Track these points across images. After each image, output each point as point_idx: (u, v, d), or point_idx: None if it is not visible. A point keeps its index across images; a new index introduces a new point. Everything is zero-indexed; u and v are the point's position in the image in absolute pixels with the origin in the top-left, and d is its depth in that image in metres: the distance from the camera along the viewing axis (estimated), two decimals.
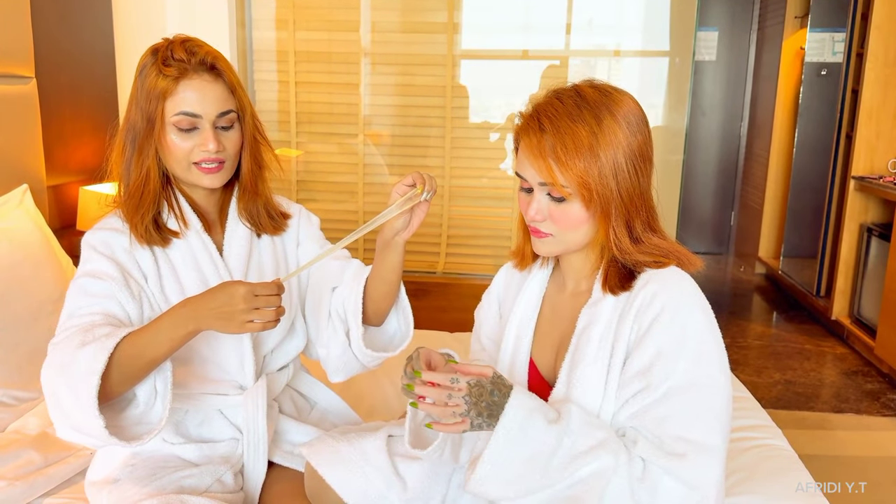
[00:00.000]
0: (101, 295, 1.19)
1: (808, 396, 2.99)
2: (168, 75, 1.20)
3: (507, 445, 0.95)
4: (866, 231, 3.45)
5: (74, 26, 2.61)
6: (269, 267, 1.38)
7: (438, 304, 3.45)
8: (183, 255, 1.29)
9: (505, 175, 3.64)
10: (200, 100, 1.22)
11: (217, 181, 1.28)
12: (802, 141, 4.32)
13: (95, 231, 1.28)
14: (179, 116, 1.21)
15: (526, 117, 1.06)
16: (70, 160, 2.57)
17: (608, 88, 1.06)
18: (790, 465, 1.53)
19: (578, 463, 0.96)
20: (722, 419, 1.01)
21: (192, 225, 1.31)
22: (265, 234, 1.39)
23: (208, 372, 1.31)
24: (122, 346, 1.07)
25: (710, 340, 1.03)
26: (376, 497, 1.19)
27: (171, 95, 1.21)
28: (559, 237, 1.08)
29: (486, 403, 0.96)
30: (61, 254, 1.97)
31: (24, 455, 1.44)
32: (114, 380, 1.07)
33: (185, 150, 1.23)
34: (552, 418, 0.98)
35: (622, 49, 3.55)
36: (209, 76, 1.23)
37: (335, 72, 3.58)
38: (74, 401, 1.06)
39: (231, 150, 1.27)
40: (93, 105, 2.73)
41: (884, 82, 3.39)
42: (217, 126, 1.24)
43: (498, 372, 0.99)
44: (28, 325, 1.68)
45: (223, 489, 1.24)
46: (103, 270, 1.21)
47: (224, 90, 1.24)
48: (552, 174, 1.02)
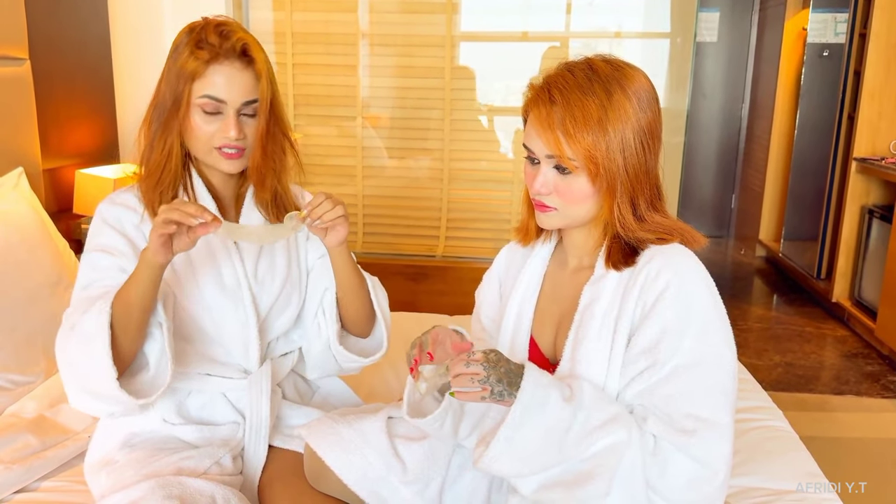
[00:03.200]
0: (110, 268, 1.23)
1: (808, 378, 2.99)
2: (199, 58, 1.21)
3: (523, 422, 0.95)
4: (867, 213, 3.44)
5: (69, 6, 2.58)
6: (280, 256, 1.38)
7: (438, 287, 3.44)
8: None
9: (504, 158, 3.61)
10: (227, 86, 1.22)
11: (235, 167, 1.28)
12: (804, 122, 4.29)
13: (110, 205, 1.29)
14: (205, 99, 1.22)
15: (536, 89, 1.05)
16: (66, 143, 2.55)
17: (620, 63, 1.05)
18: (791, 447, 1.54)
19: (593, 437, 0.96)
20: (729, 395, 1.01)
21: (207, 206, 1.30)
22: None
23: (214, 354, 1.32)
24: (116, 300, 1.13)
25: (716, 316, 1.02)
26: (376, 479, 1.19)
27: (200, 78, 1.21)
28: (563, 211, 1.07)
29: (505, 370, 0.96)
30: (58, 237, 1.95)
31: (21, 439, 1.43)
32: (119, 336, 1.12)
33: (207, 133, 1.23)
34: (566, 395, 0.98)
35: (623, 30, 3.51)
36: (239, 63, 1.23)
37: (333, 53, 3.54)
38: (88, 360, 1.11)
39: (251, 138, 1.27)
40: (88, 87, 2.70)
41: (886, 63, 3.36)
42: (241, 114, 1.24)
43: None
44: (25, 309, 1.67)
45: (222, 472, 1.24)
46: (112, 245, 1.24)
47: (252, 77, 1.24)
48: (560, 146, 1.01)
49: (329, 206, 1.21)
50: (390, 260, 3.61)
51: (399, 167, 3.67)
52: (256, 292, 1.33)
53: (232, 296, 1.31)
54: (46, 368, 1.68)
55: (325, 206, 1.21)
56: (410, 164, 3.66)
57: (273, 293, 1.35)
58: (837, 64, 3.81)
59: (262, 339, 1.35)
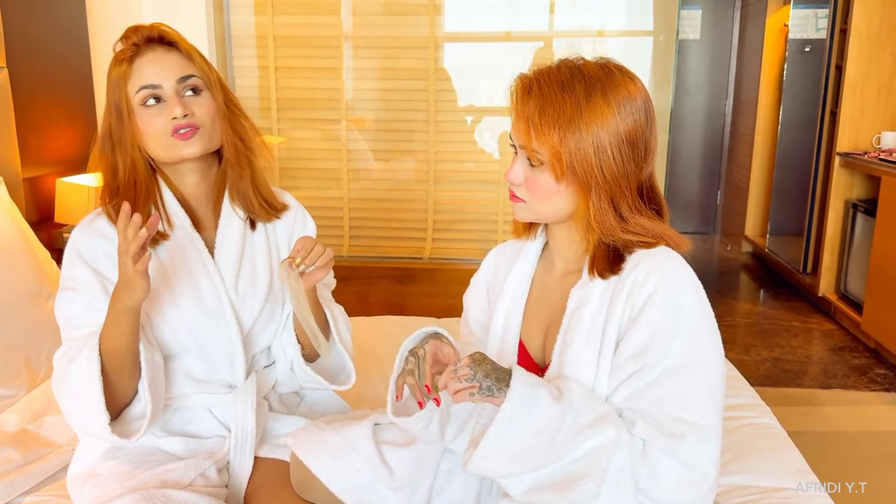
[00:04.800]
0: (86, 307, 1.21)
1: (795, 373, 3.01)
2: (122, 59, 1.21)
3: (513, 420, 0.95)
4: (852, 207, 3.46)
5: (46, 13, 2.55)
6: (262, 266, 1.36)
7: (425, 289, 3.43)
8: (171, 256, 1.27)
9: (490, 158, 3.61)
10: (156, 71, 1.21)
11: (195, 147, 1.23)
12: (787, 118, 4.31)
13: (83, 233, 1.26)
14: (141, 93, 1.21)
15: (522, 78, 1.05)
16: (46, 151, 2.52)
17: (613, 68, 1.03)
18: (779, 444, 1.54)
19: (582, 437, 0.96)
20: (717, 398, 1.01)
21: (181, 222, 1.28)
22: (259, 225, 1.37)
23: (199, 372, 1.30)
24: (104, 350, 1.14)
25: (704, 320, 1.02)
26: (363, 486, 1.18)
27: (130, 77, 1.21)
28: (531, 205, 1.07)
29: (491, 367, 0.97)
30: (38, 247, 1.92)
31: (3, 453, 1.40)
32: (115, 381, 1.16)
33: (158, 125, 1.21)
34: (555, 394, 0.98)
35: (606, 29, 3.52)
36: (161, 48, 1.23)
37: (316, 56, 3.52)
38: (81, 412, 1.16)
39: (202, 115, 1.24)
40: (68, 94, 2.67)
41: (867, 57, 3.38)
42: (181, 94, 1.23)
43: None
44: (5, 320, 1.65)
45: (207, 484, 1.22)
46: (83, 282, 1.22)
47: (180, 58, 1.24)
48: (528, 138, 1.01)
49: (321, 249, 1.20)
50: (377, 263, 3.60)
51: (384, 169, 3.66)
52: (238, 307, 1.32)
53: (213, 313, 1.29)
54: (28, 381, 1.66)
55: (318, 249, 1.20)
56: (396, 167, 3.65)
57: (255, 308, 1.34)
58: (819, 59, 3.83)
59: (247, 353, 1.33)
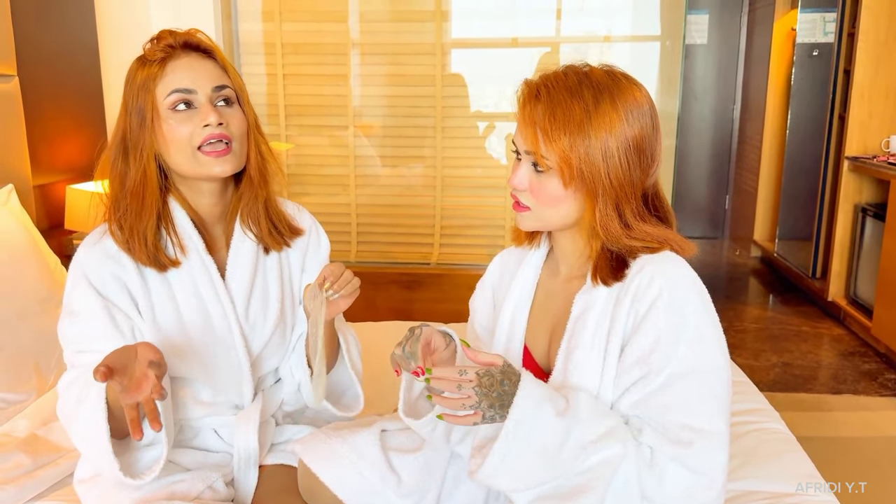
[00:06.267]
0: (90, 333, 1.17)
1: (805, 378, 2.99)
2: (153, 60, 1.13)
3: (516, 439, 0.94)
4: (861, 211, 3.44)
5: (56, 21, 2.57)
6: (273, 292, 1.32)
7: (433, 295, 3.43)
8: (181, 279, 1.22)
9: (498, 164, 3.61)
10: (192, 75, 1.14)
11: (228, 166, 1.16)
12: (795, 123, 4.30)
13: (88, 253, 1.19)
14: (173, 96, 1.13)
15: (528, 83, 1.05)
16: (56, 159, 2.54)
17: (619, 75, 1.04)
18: (788, 449, 1.53)
19: (588, 452, 0.96)
20: (723, 403, 1.00)
21: (194, 245, 1.22)
22: (272, 250, 1.32)
23: (206, 397, 1.28)
24: (110, 397, 1.09)
25: (709, 324, 1.02)
26: (371, 493, 1.18)
27: (161, 79, 1.13)
28: (536, 212, 1.06)
29: (498, 394, 0.94)
30: (49, 254, 1.94)
31: (13, 458, 1.41)
32: (119, 416, 1.09)
33: (185, 134, 1.13)
34: (561, 408, 0.97)
35: (612, 34, 3.52)
36: (196, 54, 1.17)
37: (324, 63, 3.54)
38: (92, 453, 1.14)
39: (235, 129, 1.17)
40: (78, 102, 2.69)
41: (875, 61, 3.37)
42: (214, 103, 1.15)
43: (507, 360, 0.98)
44: (14, 327, 1.66)
45: (215, 497, 1.21)
46: (86, 306, 1.16)
47: (216, 67, 1.17)
48: (537, 143, 1.01)
49: (349, 277, 1.17)
50: (384, 268, 3.61)
51: (392, 175, 3.66)
52: (248, 334, 1.28)
53: (223, 342, 1.25)
54: (38, 386, 1.67)
55: (347, 277, 1.16)
56: (403, 172, 3.66)
57: (266, 334, 1.31)
58: (827, 63, 3.82)
59: (254, 377, 1.30)
